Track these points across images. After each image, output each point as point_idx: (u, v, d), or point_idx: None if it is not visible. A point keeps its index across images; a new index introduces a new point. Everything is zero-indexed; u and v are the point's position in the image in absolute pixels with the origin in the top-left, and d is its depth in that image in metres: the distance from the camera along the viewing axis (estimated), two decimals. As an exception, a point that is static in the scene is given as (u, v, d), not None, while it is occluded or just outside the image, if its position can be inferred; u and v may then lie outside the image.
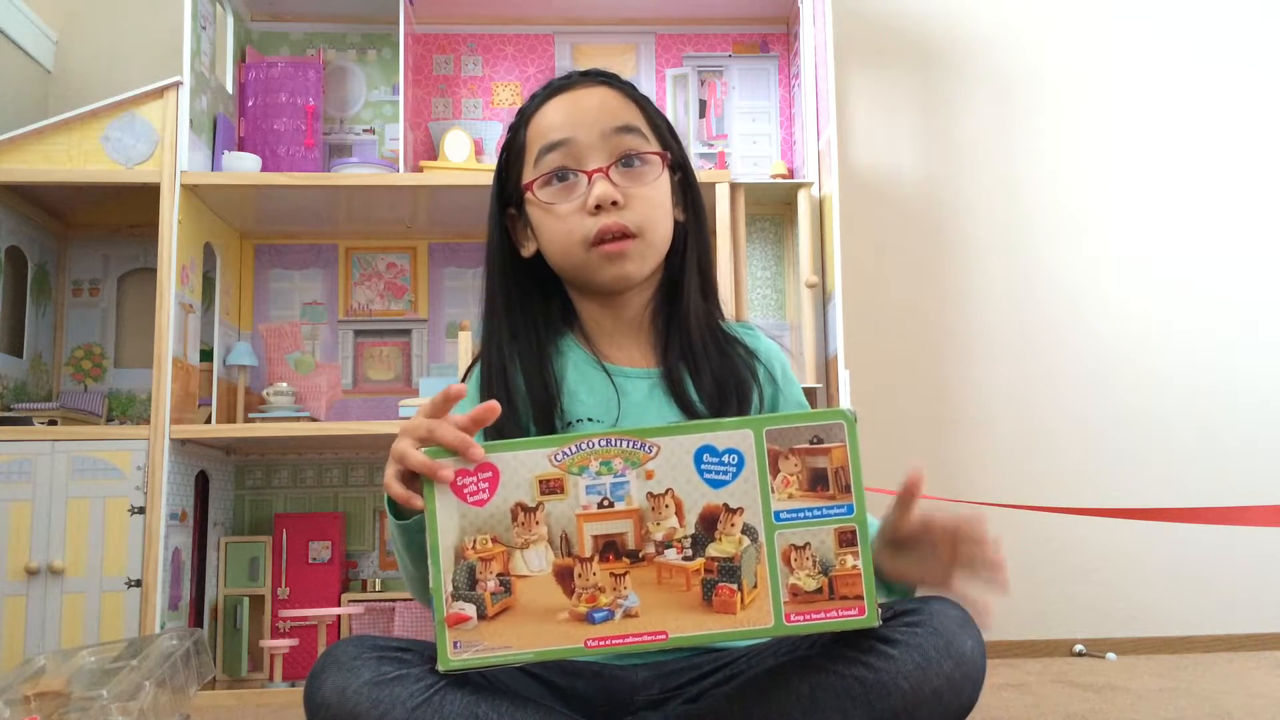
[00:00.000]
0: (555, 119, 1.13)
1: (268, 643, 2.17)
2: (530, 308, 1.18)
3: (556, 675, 1.05)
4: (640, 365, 1.16)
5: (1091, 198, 2.67)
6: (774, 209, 2.58)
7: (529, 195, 1.14)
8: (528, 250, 1.18)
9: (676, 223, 1.18)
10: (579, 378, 1.15)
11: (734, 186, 2.31)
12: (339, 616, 2.25)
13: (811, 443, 0.89)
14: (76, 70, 2.52)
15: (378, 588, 2.35)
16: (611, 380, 1.14)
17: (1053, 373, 2.60)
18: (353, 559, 2.43)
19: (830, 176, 2.30)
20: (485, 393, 1.14)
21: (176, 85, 2.17)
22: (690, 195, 1.20)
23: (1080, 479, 2.56)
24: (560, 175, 1.11)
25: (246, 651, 2.28)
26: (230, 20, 2.44)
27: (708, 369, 1.13)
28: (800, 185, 2.40)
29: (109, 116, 2.16)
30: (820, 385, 2.32)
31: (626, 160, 1.12)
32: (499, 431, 1.09)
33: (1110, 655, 2.40)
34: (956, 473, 2.55)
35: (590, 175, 1.10)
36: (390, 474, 0.92)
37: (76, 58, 2.53)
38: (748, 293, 2.48)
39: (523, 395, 1.12)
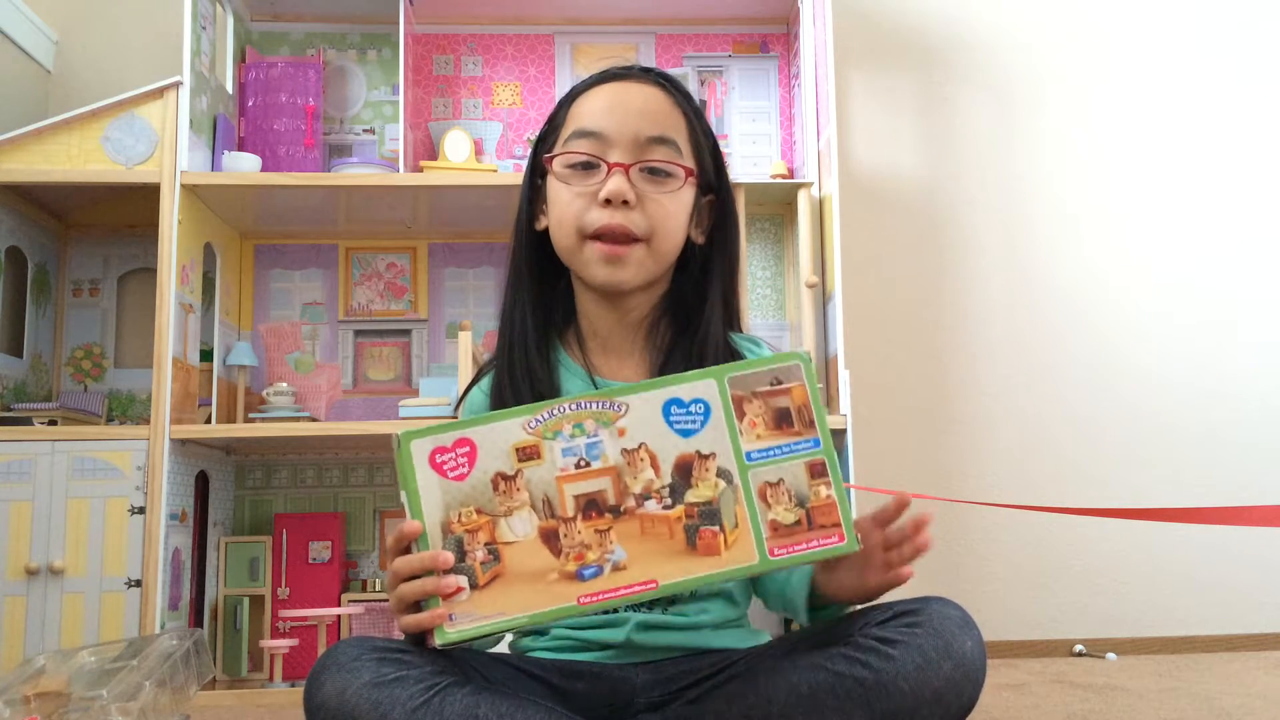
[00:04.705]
0: (597, 106, 1.13)
1: (268, 643, 2.17)
2: (546, 288, 1.18)
3: (556, 676, 1.05)
4: (631, 379, 1.15)
5: (1091, 197, 2.66)
6: (774, 209, 2.58)
7: (549, 168, 1.14)
8: (540, 224, 1.17)
9: (694, 244, 1.17)
10: (567, 390, 1.14)
11: (734, 186, 2.31)
12: (339, 617, 2.25)
13: (772, 384, 0.92)
14: (76, 70, 2.52)
15: (378, 588, 2.35)
16: None
17: (1053, 372, 2.60)
18: (353, 559, 2.43)
19: (830, 176, 2.30)
20: (504, 364, 1.14)
21: (176, 85, 2.17)
22: (721, 223, 1.18)
23: (1080, 479, 2.55)
24: (583, 163, 1.11)
25: (246, 651, 2.28)
26: (230, 20, 2.44)
27: None
28: (800, 185, 2.40)
29: (109, 116, 2.16)
30: (820, 385, 2.32)
31: (651, 168, 1.11)
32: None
33: (1110, 655, 2.40)
34: (956, 473, 2.55)
35: (611, 168, 1.10)
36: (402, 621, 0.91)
37: (76, 58, 2.53)
38: (748, 293, 2.48)
39: (529, 385, 1.12)
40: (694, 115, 1.16)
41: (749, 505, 0.91)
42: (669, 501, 0.90)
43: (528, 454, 0.90)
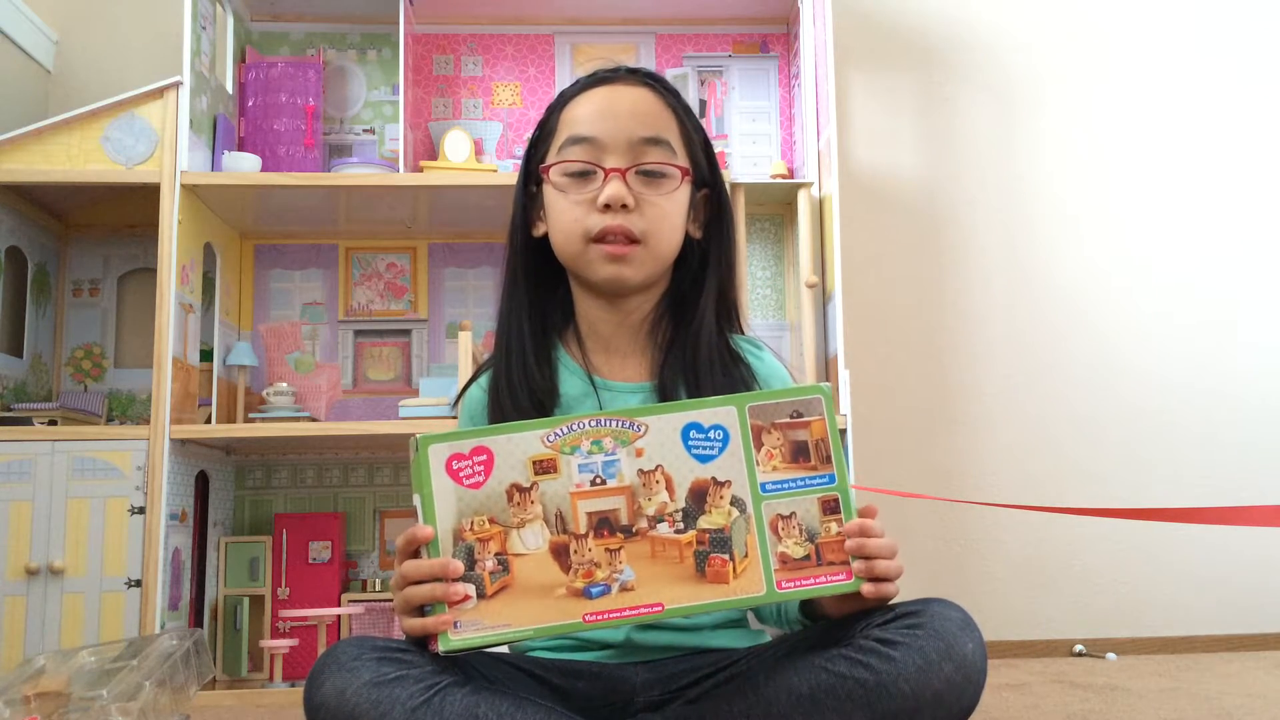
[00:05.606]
0: (588, 111, 1.13)
1: (268, 643, 2.17)
2: (543, 293, 1.18)
3: (556, 676, 1.05)
4: (633, 379, 1.16)
5: (1091, 197, 2.66)
6: (774, 209, 2.58)
7: (546, 178, 1.14)
8: (538, 230, 1.18)
9: (692, 239, 1.18)
10: (566, 393, 1.15)
11: (734, 186, 2.31)
12: (339, 616, 2.25)
13: (792, 417, 0.94)
14: (76, 70, 2.52)
15: (378, 588, 2.35)
16: (599, 397, 1.14)
17: (1053, 372, 2.60)
18: (353, 559, 2.43)
19: (830, 176, 2.30)
20: (501, 369, 1.14)
21: (176, 85, 2.17)
22: (716, 216, 1.19)
23: (1080, 479, 2.55)
24: (580, 171, 1.12)
25: (246, 651, 2.28)
26: (230, 20, 2.44)
27: (710, 387, 1.11)
28: (800, 185, 2.40)
29: (109, 116, 2.16)
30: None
31: (647, 170, 1.11)
32: (504, 416, 1.10)
33: (1110, 655, 2.40)
34: (956, 473, 2.55)
35: (608, 173, 1.10)
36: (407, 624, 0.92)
37: (76, 58, 2.53)
38: (748, 293, 2.48)
39: (527, 391, 1.12)
40: (684, 112, 1.17)
41: (760, 536, 0.92)
42: (681, 526, 0.91)
43: (544, 467, 0.91)
